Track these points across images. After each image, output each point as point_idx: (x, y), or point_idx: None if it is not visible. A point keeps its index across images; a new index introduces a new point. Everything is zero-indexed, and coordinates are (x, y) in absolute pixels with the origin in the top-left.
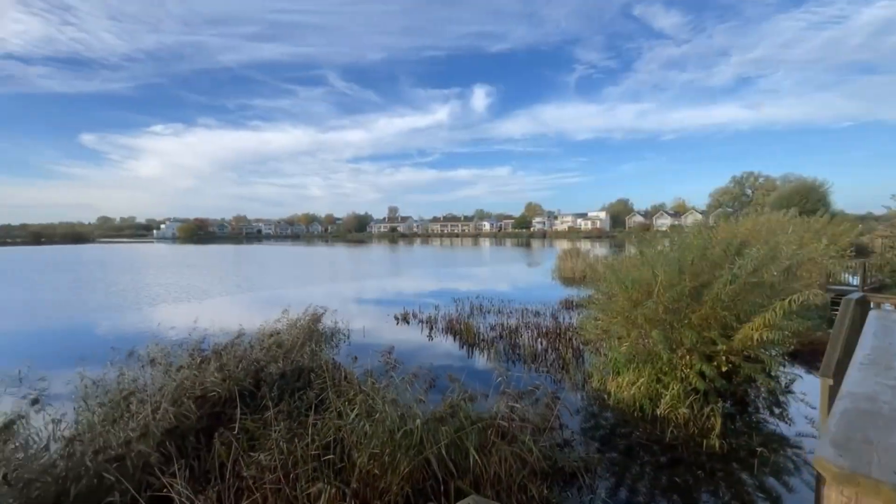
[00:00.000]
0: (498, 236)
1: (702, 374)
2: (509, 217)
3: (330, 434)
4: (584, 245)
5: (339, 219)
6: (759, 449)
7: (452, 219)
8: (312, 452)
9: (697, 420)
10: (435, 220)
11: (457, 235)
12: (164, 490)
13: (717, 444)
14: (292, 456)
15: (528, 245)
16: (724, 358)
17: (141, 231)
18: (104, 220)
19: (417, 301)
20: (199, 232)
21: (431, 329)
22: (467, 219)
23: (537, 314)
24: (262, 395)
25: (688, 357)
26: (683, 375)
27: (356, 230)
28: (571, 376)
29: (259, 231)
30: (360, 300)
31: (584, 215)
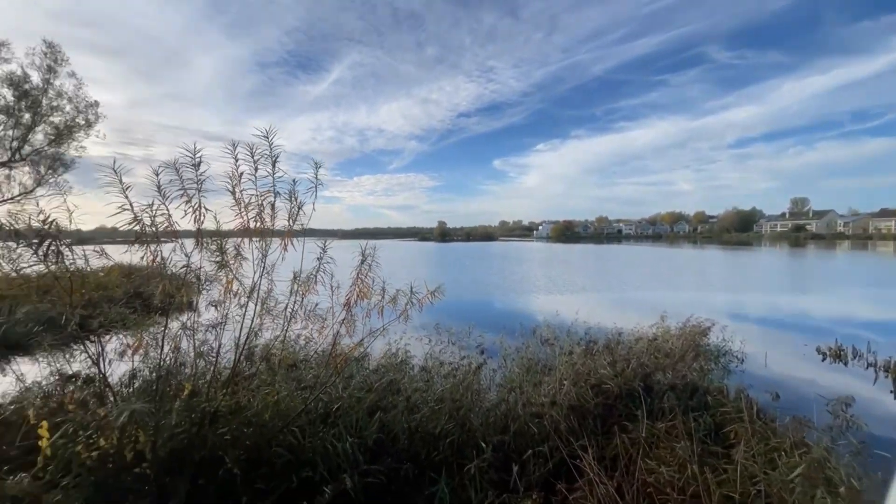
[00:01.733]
0: None
1: None
2: None
3: (759, 482)
4: None
5: (712, 216)
6: None
7: None
8: (731, 494)
9: None
10: (882, 213)
11: None
12: (576, 459)
13: None
14: (703, 486)
15: None
16: None
17: (525, 231)
18: (503, 224)
19: (843, 332)
20: (566, 232)
21: None
22: None
23: None
24: (653, 401)
25: None
26: None
27: (737, 229)
28: None
29: (619, 231)
30: (744, 317)
31: None
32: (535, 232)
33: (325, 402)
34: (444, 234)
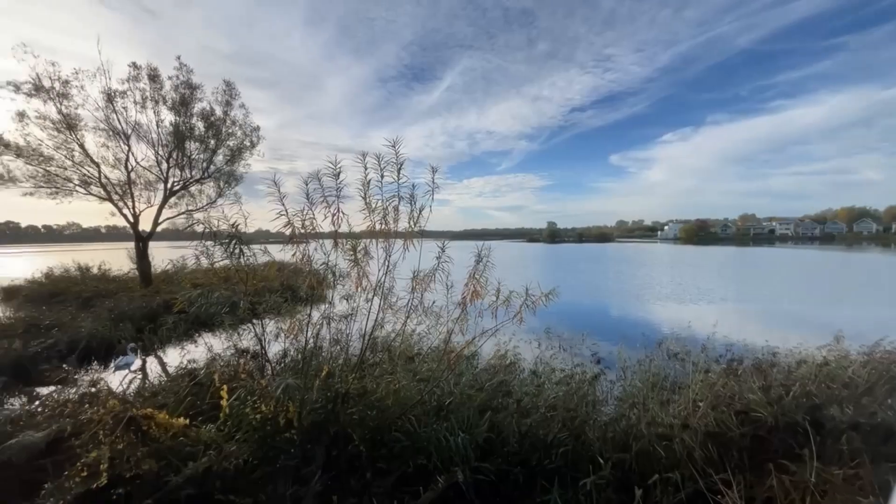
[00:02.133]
0: None
1: None
2: None
3: None
4: None
5: None
6: None
7: None
8: None
9: None
10: None
11: None
12: (717, 495)
13: None
14: None
15: None
16: None
17: (647, 232)
18: (621, 223)
19: None
20: (699, 233)
21: None
22: None
23: None
24: (825, 440)
25: None
26: None
27: None
28: None
29: (772, 231)
30: None
31: None
32: (659, 233)
33: (439, 395)
34: (553, 235)
